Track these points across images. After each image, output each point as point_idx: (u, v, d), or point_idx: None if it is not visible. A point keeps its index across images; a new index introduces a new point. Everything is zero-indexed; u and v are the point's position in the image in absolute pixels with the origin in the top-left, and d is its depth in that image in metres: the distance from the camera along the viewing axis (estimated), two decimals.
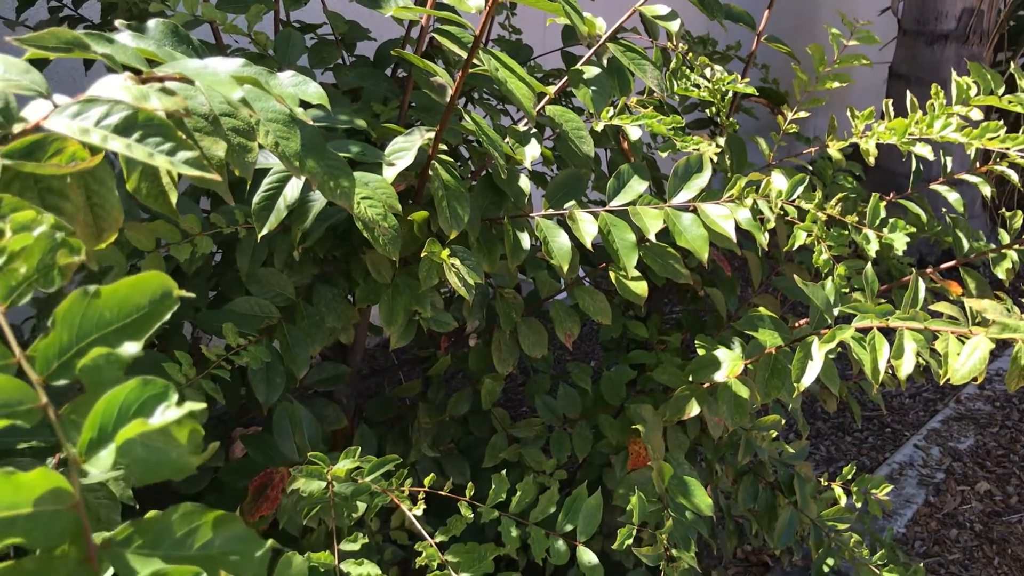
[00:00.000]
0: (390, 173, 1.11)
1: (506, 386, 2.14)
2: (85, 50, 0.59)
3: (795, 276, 1.17)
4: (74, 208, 0.57)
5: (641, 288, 1.32)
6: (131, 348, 0.44)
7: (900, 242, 1.11)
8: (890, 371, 1.12)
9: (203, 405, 0.42)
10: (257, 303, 1.20)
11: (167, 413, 0.42)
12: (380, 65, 1.56)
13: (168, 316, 0.45)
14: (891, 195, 1.62)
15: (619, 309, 1.69)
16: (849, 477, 1.49)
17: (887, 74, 4.02)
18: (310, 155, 0.84)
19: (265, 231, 1.02)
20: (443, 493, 1.02)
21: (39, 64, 1.52)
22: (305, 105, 1.00)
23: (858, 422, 1.73)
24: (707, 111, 1.61)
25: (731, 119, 1.57)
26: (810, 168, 1.54)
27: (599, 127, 1.39)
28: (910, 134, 1.22)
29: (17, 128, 0.52)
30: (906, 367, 1.02)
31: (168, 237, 1.13)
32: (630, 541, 1.09)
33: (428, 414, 1.49)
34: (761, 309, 1.29)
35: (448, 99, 1.20)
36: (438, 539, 0.97)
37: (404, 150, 1.13)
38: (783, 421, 1.50)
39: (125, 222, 1.13)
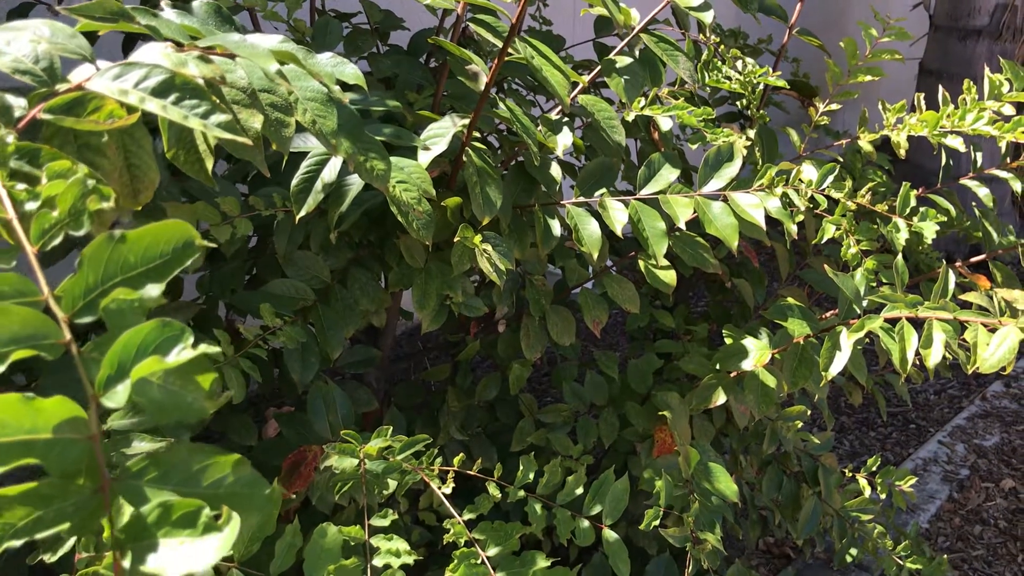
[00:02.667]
0: (425, 158, 1.13)
1: (531, 375, 2.15)
2: (130, 21, 0.62)
3: (825, 267, 1.18)
4: (111, 166, 0.60)
5: (670, 277, 1.33)
6: (153, 291, 0.47)
7: (930, 230, 1.11)
8: (917, 363, 1.12)
9: (217, 348, 0.44)
10: (293, 285, 1.23)
11: (183, 353, 0.44)
12: (414, 54, 1.58)
13: (189, 263, 0.47)
14: (920, 190, 1.63)
15: (646, 299, 1.71)
16: (874, 469, 1.50)
17: (917, 70, 4.00)
18: (346, 135, 0.86)
19: (303, 212, 1.04)
20: (472, 472, 1.04)
21: (88, 39, 1.56)
22: (342, 87, 1.02)
23: (883, 415, 1.74)
24: (738, 104, 1.62)
25: (762, 112, 1.58)
26: (840, 160, 1.55)
27: (630, 117, 1.40)
28: (941, 127, 1.23)
29: (61, 88, 0.55)
30: (934, 357, 1.03)
31: (208, 219, 1.15)
32: (657, 522, 1.11)
33: (457, 398, 1.51)
34: (790, 299, 1.30)
35: (483, 87, 1.22)
36: (466, 517, 0.99)
37: (439, 136, 1.15)
38: (808, 412, 1.50)
39: (167, 203, 1.16)
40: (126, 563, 0.46)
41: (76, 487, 0.47)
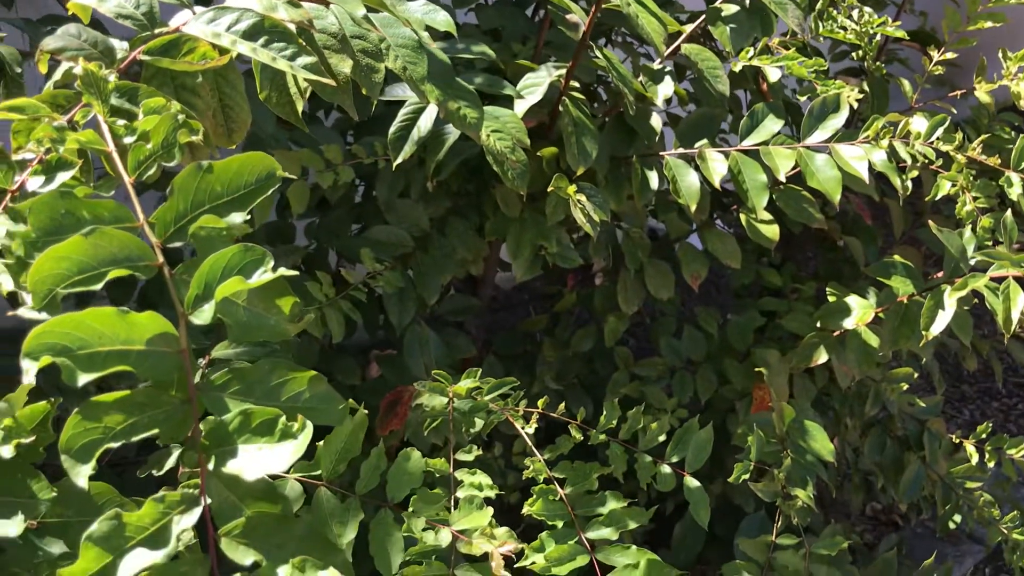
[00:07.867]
0: (520, 107, 1.14)
1: (631, 328, 2.14)
2: None
3: (930, 223, 1.13)
4: (205, 106, 0.64)
5: (772, 232, 1.30)
6: (237, 218, 0.51)
7: None
8: None
9: (295, 272, 0.48)
10: (393, 232, 1.27)
11: (263, 275, 0.49)
12: (520, 6, 1.58)
13: (270, 193, 0.51)
14: None
15: (752, 255, 1.67)
16: (983, 436, 1.44)
17: None
18: (437, 82, 0.88)
19: (400, 160, 1.07)
20: (555, 415, 1.07)
21: None
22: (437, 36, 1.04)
23: (999, 382, 1.67)
24: (854, 55, 1.56)
25: (879, 63, 1.51)
26: (954, 112, 1.47)
27: (737, 68, 1.37)
28: None
29: (159, 31, 0.59)
30: None
31: (313, 165, 1.20)
32: (746, 476, 1.11)
33: (552, 348, 1.53)
34: (896, 257, 1.26)
35: (580, 36, 1.21)
36: (546, 456, 1.01)
37: (535, 85, 1.16)
38: (916, 376, 1.46)
39: (276, 151, 1.21)
40: (210, 466, 0.51)
41: (167, 397, 0.52)
